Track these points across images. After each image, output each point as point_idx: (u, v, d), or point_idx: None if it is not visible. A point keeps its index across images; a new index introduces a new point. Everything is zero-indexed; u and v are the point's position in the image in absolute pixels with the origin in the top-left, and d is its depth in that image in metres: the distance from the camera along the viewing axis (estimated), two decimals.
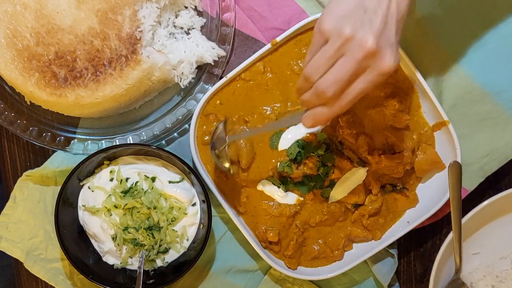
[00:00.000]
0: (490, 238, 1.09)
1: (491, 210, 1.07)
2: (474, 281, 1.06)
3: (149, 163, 1.12)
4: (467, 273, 1.08)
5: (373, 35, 0.79)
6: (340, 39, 0.80)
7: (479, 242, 1.09)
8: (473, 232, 1.09)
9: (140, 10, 1.06)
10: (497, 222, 1.09)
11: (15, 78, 1.05)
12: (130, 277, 1.11)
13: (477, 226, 1.09)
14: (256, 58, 1.09)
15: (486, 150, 1.12)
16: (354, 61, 0.80)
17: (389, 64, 0.81)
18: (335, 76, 0.81)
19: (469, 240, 1.09)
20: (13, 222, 1.14)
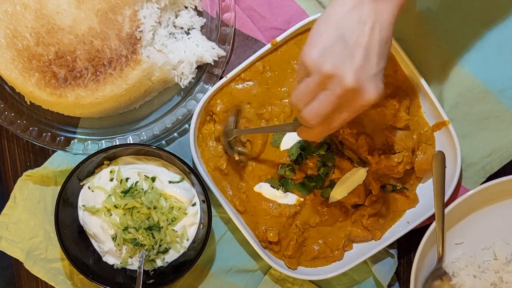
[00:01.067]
0: (473, 228, 1.09)
1: (475, 200, 1.06)
2: (456, 271, 1.06)
3: (149, 163, 1.12)
4: (449, 262, 1.08)
5: (353, 71, 0.80)
6: (320, 76, 0.81)
7: (462, 232, 1.09)
8: (457, 222, 1.09)
9: (141, 10, 1.06)
10: (481, 213, 1.09)
11: (15, 78, 1.05)
12: (130, 277, 1.11)
13: (461, 216, 1.09)
14: (256, 58, 1.09)
15: (489, 149, 1.12)
16: (335, 96, 0.82)
17: (369, 97, 0.82)
18: (317, 110, 0.83)
19: (452, 230, 1.09)
20: (13, 222, 1.14)
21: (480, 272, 1.06)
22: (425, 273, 1.07)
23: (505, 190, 1.08)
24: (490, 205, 1.10)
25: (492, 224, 1.09)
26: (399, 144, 1.09)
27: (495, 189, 1.06)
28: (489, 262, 1.08)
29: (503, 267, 1.06)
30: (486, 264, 1.08)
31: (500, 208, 1.10)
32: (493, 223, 1.10)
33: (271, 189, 1.11)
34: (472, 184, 1.13)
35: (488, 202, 1.10)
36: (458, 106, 1.12)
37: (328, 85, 0.82)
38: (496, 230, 1.09)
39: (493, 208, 1.10)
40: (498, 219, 1.10)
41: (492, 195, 1.08)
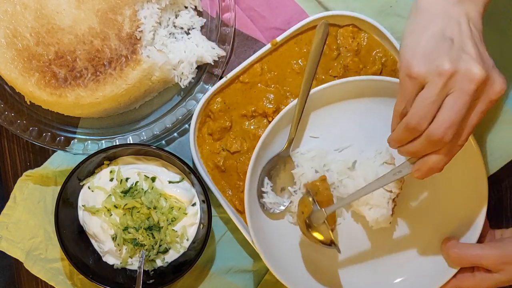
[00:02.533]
0: (332, 125, 1.05)
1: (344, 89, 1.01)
2: (301, 161, 1.04)
3: (149, 163, 1.12)
4: (299, 153, 1.05)
5: (476, 62, 0.73)
6: (442, 78, 0.73)
7: (321, 127, 1.06)
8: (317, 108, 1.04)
9: (141, 11, 1.06)
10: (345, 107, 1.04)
11: (15, 78, 1.05)
12: (130, 277, 1.11)
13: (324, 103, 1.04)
14: (256, 58, 1.09)
15: (488, 149, 1.12)
16: (467, 95, 0.73)
17: (500, 87, 0.75)
18: (449, 118, 0.74)
19: (311, 121, 1.05)
20: (13, 222, 1.14)
21: (324, 169, 1.03)
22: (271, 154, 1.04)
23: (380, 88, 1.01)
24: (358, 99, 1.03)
25: (352, 126, 1.05)
26: None
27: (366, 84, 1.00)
28: (336, 164, 1.04)
29: (346, 171, 1.03)
30: (332, 165, 1.04)
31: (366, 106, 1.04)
32: (354, 125, 1.05)
33: None
34: None
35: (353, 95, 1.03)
36: None
37: (453, 86, 0.74)
38: (355, 133, 1.05)
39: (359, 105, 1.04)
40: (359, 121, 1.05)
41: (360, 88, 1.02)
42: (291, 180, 1.05)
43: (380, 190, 0.97)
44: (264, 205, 1.05)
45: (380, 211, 0.99)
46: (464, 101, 0.74)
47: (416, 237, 1.08)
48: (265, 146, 1.01)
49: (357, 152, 1.05)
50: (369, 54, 1.12)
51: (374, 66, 1.10)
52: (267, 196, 1.05)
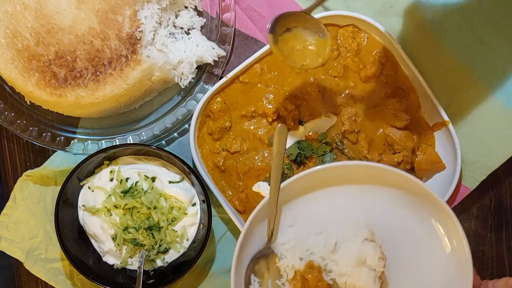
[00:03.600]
0: (307, 212, 1.06)
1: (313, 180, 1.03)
2: (284, 252, 1.04)
3: (149, 163, 1.12)
4: (279, 244, 1.05)
5: None
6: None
7: (295, 215, 1.06)
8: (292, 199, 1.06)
9: (141, 11, 1.06)
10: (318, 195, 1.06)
11: (15, 78, 1.05)
12: (130, 277, 1.11)
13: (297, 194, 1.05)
14: (256, 58, 1.09)
15: (488, 147, 1.12)
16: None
17: None
18: None
19: (285, 212, 1.06)
20: (13, 222, 1.14)
21: (307, 254, 1.03)
22: (254, 251, 1.04)
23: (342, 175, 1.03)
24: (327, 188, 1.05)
25: (326, 210, 1.06)
26: (399, 144, 1.09)
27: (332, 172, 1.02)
28: (318, 248, 1.04)
29: (329, 255, 1.03)
30: (315, 249, 1.04)
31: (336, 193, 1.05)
32: (328, 208, 1.06)
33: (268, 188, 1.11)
34: (472, 182, 1.13)
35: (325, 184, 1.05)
36: (457, 105, 1.12)
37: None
38: (330, 216, 1.06)
39: (329, 192, 1.05)
40: (333, 205, 1.06)
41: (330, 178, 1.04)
42: (277, 273, 1.04)
43: (365, 269, 0.99)
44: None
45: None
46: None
47: None
48: (245, 245, 1.02)
49: (335, 233, 1.04)
50: (369, 54, 1.12)
51: (374, 66, 1.10)
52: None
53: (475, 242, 1.17)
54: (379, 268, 0.99)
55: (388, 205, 1.04)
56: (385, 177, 1.01)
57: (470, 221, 1.17)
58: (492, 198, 1.17)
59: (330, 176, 1.03)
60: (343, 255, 1.00)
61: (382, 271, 1.00)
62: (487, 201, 1.17)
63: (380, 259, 0.99)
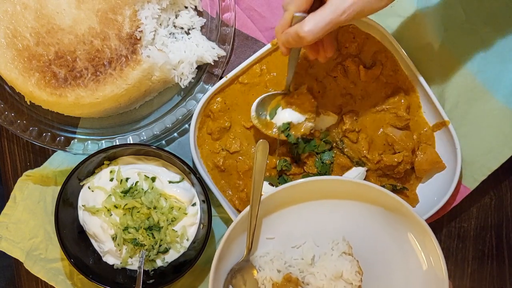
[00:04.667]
0: (286, 225, 1.07)
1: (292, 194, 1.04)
2: (262, 264, 1.05)
3: (149, 163, 1.12)
4: (258, 256, 1.06)
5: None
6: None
7: (274, 228, 1.07)
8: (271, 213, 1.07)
9: (141, 11, 1.06)
10: (296, 209, 1.07)
11: (15, 78, 1.05)
12: (130, 277, 1.11)
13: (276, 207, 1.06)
14: (255, 58, 1.09)
15: (488, 147, 1.12)
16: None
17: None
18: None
19: (265, 224, 1.07)
20: (13, 222, 1.14)
21: (285, 267, 1.04)
22: (232, 263, 1.04)
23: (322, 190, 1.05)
24: (307, 202, 1.06)
25: (305, 223, 1.07)
26: (399, 144, 1.09)
27: (312, 186, 1.03)
28: (297, 261, 1.06)
29: (307, 268, 1.04)
30: (293, 262, 1.06)
31: (315, 207, 1.07)
32: (307, 222, 1.07)
33: (269, 187, 1.11)
34: (472, 182, 1.13)
35: (305, 198, 1.06)
36: (458, 105, 1.12)
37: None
38: (309, 230, 1.07)
39: (309, 206, 1.07)
40: (312, 219, 1.07)
41: (310, 192, 1.05)
42: (255, 286, 1.05)
43: (342, 283, 1.00)
44: None
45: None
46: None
47: None
48: (223, 257, 1.02)
49: (313, 246, 1.06)
50: (369, 54, 1.12)
51: (374, 66, 1.11)
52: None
53: (475, 242, 1.17)
54: (356, 282, 1.01)
55: (366, 221, 1.05)
56: (365, 193, 1.03)
57: (470, 221, 1.17)
58: (492, 198, 1.17)
59: (310, 190, 1.04)
60: (321, 268, 1.02)
61: (358, 286, 1.01)
62: (487, 201, 1.17)
63: (357, 273, 1.01)
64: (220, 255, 1.01)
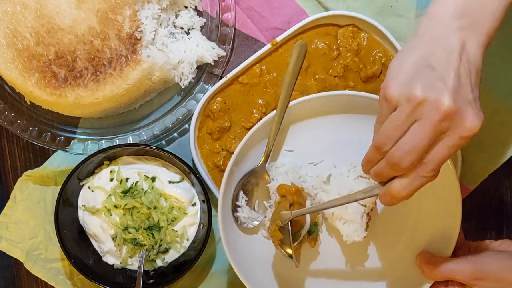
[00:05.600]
0: (307, 139, 1.05)
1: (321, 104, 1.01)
2: (276, 175, 1.03)
3: (149, 163, 1.12)
4: (273, 166, 1.05)
5: (448, 93, 0.71)
6: (411, 104, 0.73)
7: (294, 141, 1.05)
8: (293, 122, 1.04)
9: (141, 11, 1.06)
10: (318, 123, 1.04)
11: (15, 78, 1.05)
12: (130, 277, 1.11)
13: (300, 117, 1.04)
14: (255, 58, 1.09)
15: (488, 147, 1.12)
16: (430, 125, 0.72)
17: (472, 124, 0.72)
18: (409, 144, 0.73)
19: (286, 135, 1.05)
20: (13, 222, 1.14)
21: (299, 181, 1.02)
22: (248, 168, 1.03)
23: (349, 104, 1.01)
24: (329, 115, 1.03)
25: (327, 139, 1.04)
26: None
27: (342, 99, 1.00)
28: (311, 177, 1.04)
29: (321, 185, 1.02)
30: (307, 177, 1.04)
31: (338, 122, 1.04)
32: (327, 139, 1.04)
33: None
34: (472, 182, 1.13)
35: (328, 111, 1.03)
36: None
37: (421, 114, 0.73)
38: (328, 148, 1.05)
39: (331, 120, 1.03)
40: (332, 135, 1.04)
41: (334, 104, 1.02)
42: (266, 195, 1.04)
43: (354, 204, 0.96)
44: (238, 219, 1.04)
45: (354, 226, 0.98)
46: (427, 129, 0.73)
47: (390, 251, 1.06)
48: (240, 160, 1.01)
49: (331, 166, 1.04)
50: (369, 54, 1.12)
51: (374, 66, 1.10)
52: (241, 210, 1.03)
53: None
54: (369, 204, 0.98)
55: None
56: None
57: (470, 221, 1.17)
58: (492, 198, 1.17)
59: (331, 104, 1.01)
60: (335, 187, 1.00)
61: (372, 208, 0.99)
62: (487, 201, 1.17)
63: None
64: (237, 159, 0.99)
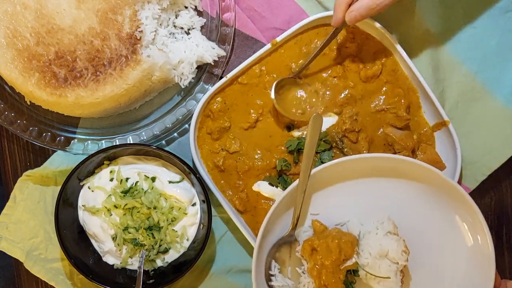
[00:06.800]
0: (330, 203, 1.07)
1: (339, 171, 1.04)
2: (304, 238, 1.04)
3: (149, 163, 1.12)
4: (302, 231, 1.06)
5: None
6: None
7: (320, 204, 1.07)
8: (317, 190, 1.07)
9: (142, 11, 1.06)
10: (341, 187, 1.07)
11: (15, 78, 1.05)
12: (130, 277, 1.11)
13: (323, 185, 1.07)
14: (255, 59, 1.09)
15: (488, 147, 1.12)
16: None
17: None
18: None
19: (310, 201, 1.07)
20: (13, 222, 1.14)
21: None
22: (276, 238, 1.05)
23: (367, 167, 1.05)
24: (353, 180, 1.06)
25: (350, 201, 1.07)
26: (399, 144, 1.09)
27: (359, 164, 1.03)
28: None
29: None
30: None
31: (361, 185, 1.07)
32: (352, 200, 1.07)
33: (269, 187, 1.11)
34: (472, 182, 1.13)
35: (351, 176, 1.06)
36: (458, 105, 1.12)
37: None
38: (353, 208, 1.07)
39: (354, 184, 1.07)
40: (357, 197, 1.07)
41: (356, 170, 1.05)
42: (298, 261, 1.05)
43: (386, 262, 0.99)
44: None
45: (389, 284, 0.99)
46: None
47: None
48: (268, 231, 1.02)
49: (358, 225, 1.05)
50: (369, 54, 1.12)
51: (374, 66, 1.11)
52: (275, 279, 1.04)
53: None
54: (402, 262, 0.99)
55: (411, 199, 1.05)
56: (409, 171, 1.02)
57: None
58: (492, 197, 1.17)
59: (356, 168, 1.04)
60: (365, 246, 1.01)
61: (404, 265, 1.00)
62: (487, 200, 1.17)
63: (403, 252, 0.99)
64: (265, 229, 1.01)
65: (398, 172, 1.03)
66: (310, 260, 1.00)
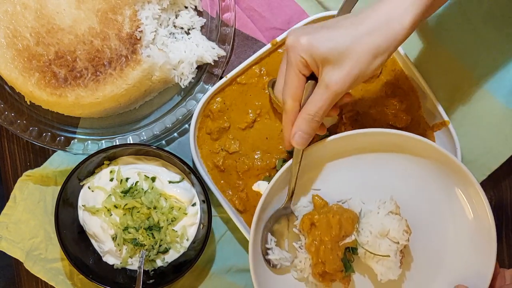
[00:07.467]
0: (333, 178, 1.06)
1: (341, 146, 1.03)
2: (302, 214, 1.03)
3: (149, 163, 1.12)
4: (301, 206, 1.05)
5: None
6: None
7: (322, 180, 1.06)
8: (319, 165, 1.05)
9: (142, 11, 1.06)
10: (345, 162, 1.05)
11: (15, 78, 1.05)
12: (130, 277, 1.11)
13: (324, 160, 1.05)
14: (255, 59, 1.09)
15: (488, 146, 1.12)
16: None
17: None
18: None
19: (312, 176, 1.06)
20: (13, 222, 1.14)
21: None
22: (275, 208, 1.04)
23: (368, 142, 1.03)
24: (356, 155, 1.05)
25: (353, 178, 1.05)
26: None
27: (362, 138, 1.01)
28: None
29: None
30: None
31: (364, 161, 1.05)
32: (354, 177, 1.05)
33: None
34: None
35: (354, 151, 1.05)
36: (458, 105, 1.12)
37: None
38: (356, 185, 1.05)
39: (357, 160, 1.05)
40: (359, 174, 1.06)
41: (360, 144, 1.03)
42: (295, 236, 1.04)
43: (387, 241, 0.98)
44: (270, 262, 1.03)
45: (388, 264, 0.99)
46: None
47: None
48: (266, 204, 1.01)
49: (359, 203, 1.04)
50: None
51: None
52: (272, 253, 1.03)
53: None
54: (403, 241, 0.98)
55: (414, 174, 1.04)
56: (411, 146, 1.01)
57: None
58: (492, 197, 1.17)
59: (359, 143, 1.03)
60: (366, 225, 1.00)
61: (405, 245, 0.99)
62: None
63: (405, 232, 0.98)
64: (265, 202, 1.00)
65: (399, 147, 1.02)
66: (309, 235, 0.99)
